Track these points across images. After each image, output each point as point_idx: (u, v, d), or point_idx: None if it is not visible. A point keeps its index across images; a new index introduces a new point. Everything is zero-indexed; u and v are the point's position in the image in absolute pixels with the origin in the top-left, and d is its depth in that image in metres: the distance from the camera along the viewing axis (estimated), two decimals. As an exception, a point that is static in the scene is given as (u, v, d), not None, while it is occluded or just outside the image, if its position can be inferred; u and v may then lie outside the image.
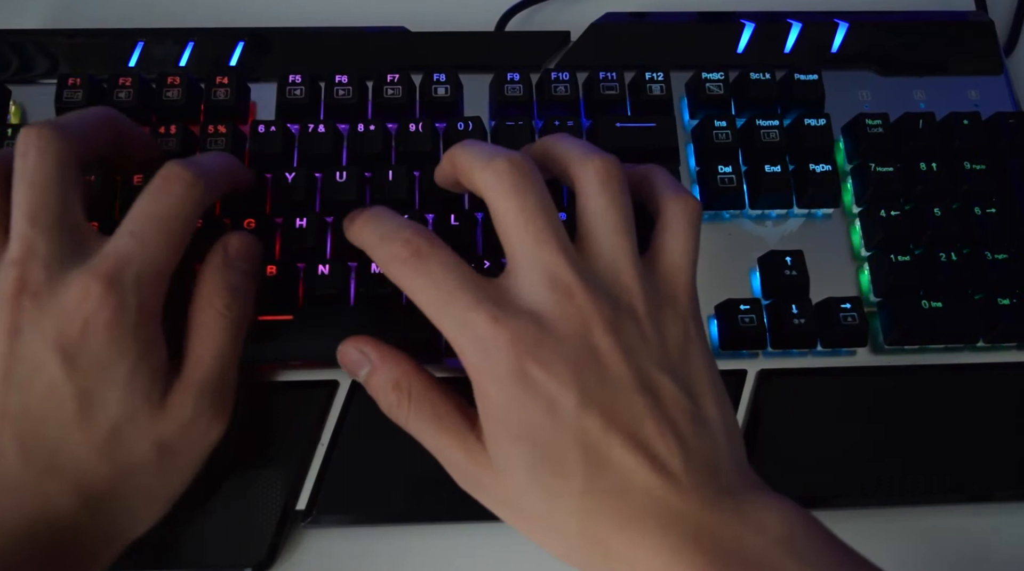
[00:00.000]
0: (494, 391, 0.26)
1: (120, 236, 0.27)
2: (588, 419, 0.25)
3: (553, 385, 0.25)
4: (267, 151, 0.36)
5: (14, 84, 0.39)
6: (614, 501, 0.25)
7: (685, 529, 0.25)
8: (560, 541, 0.27)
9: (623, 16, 0.42)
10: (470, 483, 0.28)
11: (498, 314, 0.26)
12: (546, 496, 0.26)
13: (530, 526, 0.27)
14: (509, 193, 0.27)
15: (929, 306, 0.35)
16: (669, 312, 0.28)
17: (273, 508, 0.32)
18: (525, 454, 0.26)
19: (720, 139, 0.37)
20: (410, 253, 0.27)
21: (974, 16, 0.44)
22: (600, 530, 0.26)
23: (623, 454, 0.25)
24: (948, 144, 0.38)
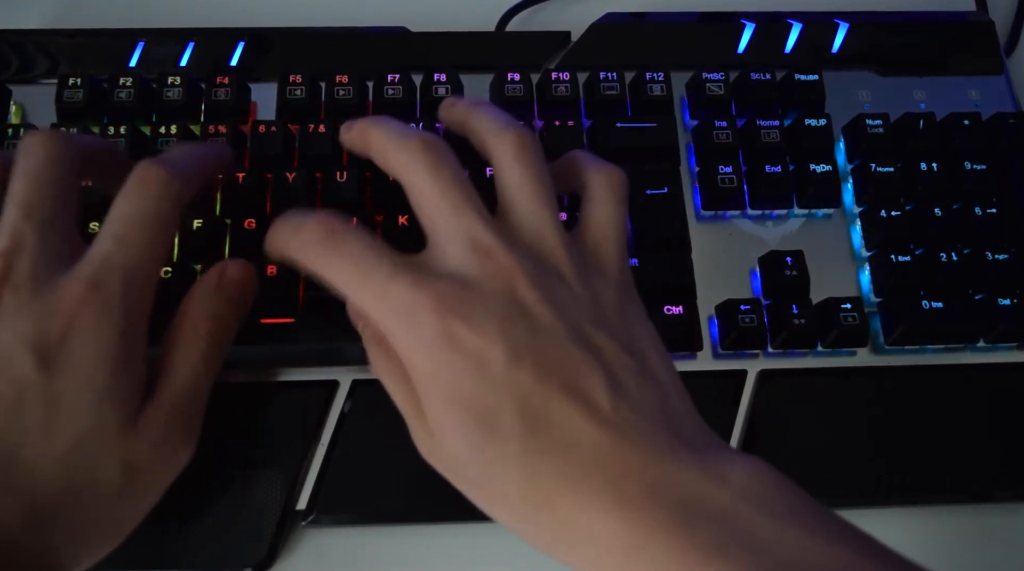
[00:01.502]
0: (422, 359, 0.25)
1: (102, 240, 0.27)
2: (520, 372, 0.24)
3: (480, 341, 0.24)
4: (267, 151, 0.36)
5: (14, 84, 0.39)
6: (556, 459, 0.24)
7: (639, 483, 0.23)
8: (507, 508, 0.25)
9: (623, 16, 0.42)
10: (425, 450, 0.27)
11: (418, 279, 0.25)
12: (485, 461, 0.24)
13: (476, 494, 0.26)
14: (424, 169, 0.27)
15: (929, 306, 0.35)
16: (598, 278, 0.27)
17: (273, 508, 0.32)
18: (459, 419, 0.24)
19: (720, 139, 0.37)
20: (324, 233, 0.26)
21: (974, 16, 0.44)
22: (545, 493, 0.24)
23: (561, 406, 0.24)
24: (948, 144, 0.38)
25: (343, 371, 0.34)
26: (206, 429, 0.31)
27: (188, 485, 0.30)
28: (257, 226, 0.34)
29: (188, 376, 0.28)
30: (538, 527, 0.25)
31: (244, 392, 0.34)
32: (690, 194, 0.38)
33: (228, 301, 0.30)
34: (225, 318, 0.29)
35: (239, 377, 0.34)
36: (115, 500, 0.26)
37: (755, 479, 0.24)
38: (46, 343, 0.25)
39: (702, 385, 0.34)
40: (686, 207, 0.37)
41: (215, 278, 0.30)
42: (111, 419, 0.26)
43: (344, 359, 0.34)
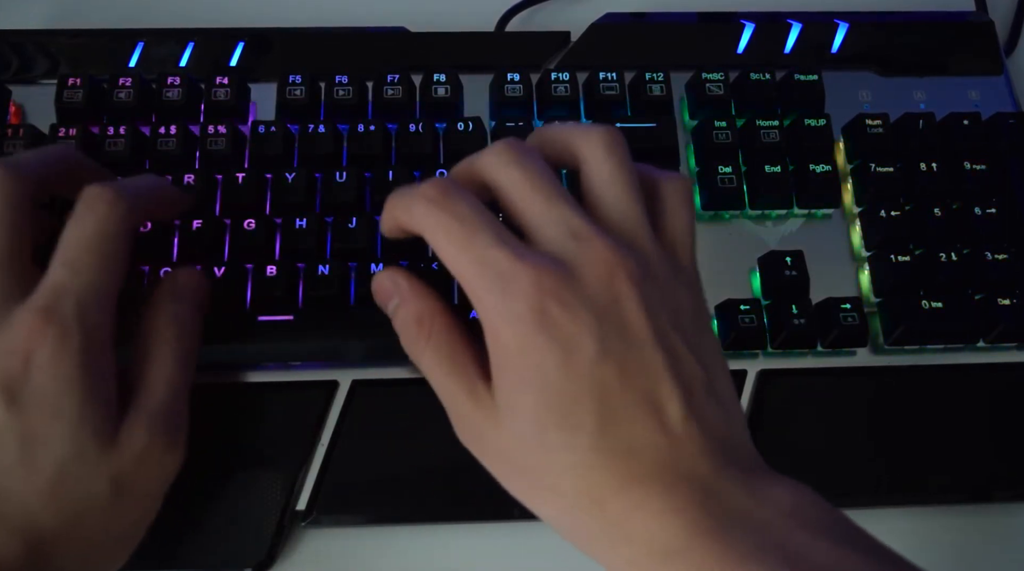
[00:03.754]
0: (509, 333, 0.25)
1: (53, 269, 0.27)
2: (605, 369, 0.24)
3: (573, 328, 0.24)
4: (267, 151, 0.36)
5: (14, 84, 0.39)
6: (619, 460, 0.24)
7: (691, 492, 0.24)
8: (554, 501, 0.25)
9: (623, 16, 0.42)
10: (470, 433, 0.27)
11: (522, 253, 0.25)
12: (548, 448, 0.25)
13: (523, 483, 0.26)
14: (512, 165, 0.27)
15: (929, 306, 0.35)
16: (683, 281, 0.27)
17: (273, 508, 0.32)
18: (533, 401, 0.24)
19: (720, 139, 0.37)
20: (438, 192, 0.26)
21: (974, 16, 0.44)
22: (600, 490, 0.24)
23: (636, 411, 0.24)
24: (948, 144, 0.38)
25: (343, 371, 0.34)
26: (206, 430, 0.32)
27: (188, 486, 0.30)
28: (256, 226, 0.34)
29: (161, 383, 0.28)
30: (584, 523, 0.25)
31: (244, 392, 0.34)
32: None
33: (188, 304, 0.30)
34: (188, 320, 0.30)
35: (239, 378, 0.34)
36: (111, 518, 0.27)
37: (797, 499, 0.24)
38: (10, 380, 0.25)
39: (702, 385, 0.35)
40: (686, 207, 0.37)
41: (169, 285, 0.30)
42: (89, 442, 0.26)
43: (344, 359, 0.34)
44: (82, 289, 0.26)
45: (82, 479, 0.26)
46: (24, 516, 0.25)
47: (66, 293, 0.26)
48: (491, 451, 0.27)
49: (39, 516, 0.25)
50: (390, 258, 0.34)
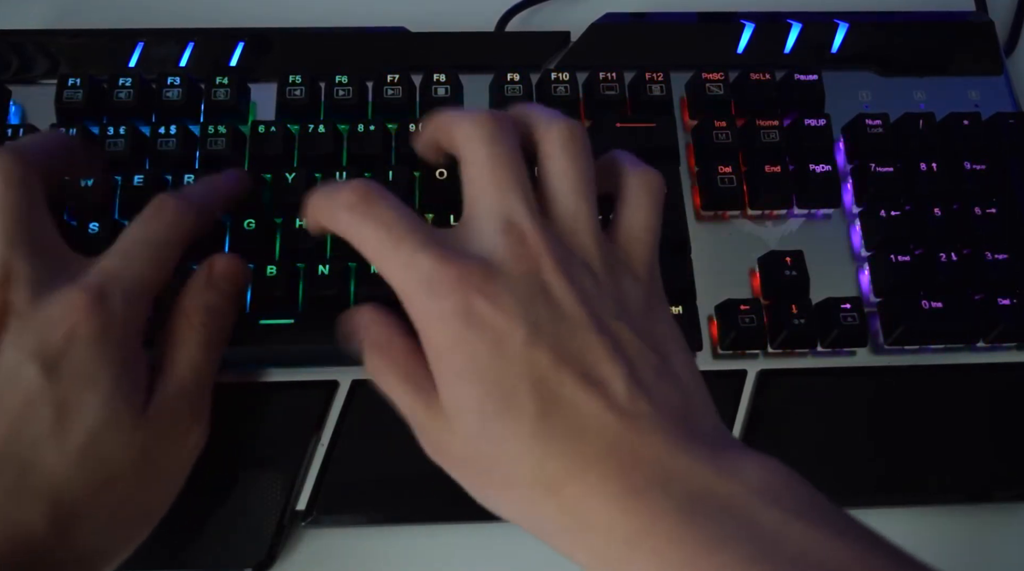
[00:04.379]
0: (438, 330, 0.25)
1: (109, 255, 0.28)
2: (537, 352, 0.24)
3: (500, 319, 0.24)
4: (267, 151, 0.36)
5: (14, 84, 0.39)
6: (568, 443, 0.24)
7: (650, 473, 0.23)
8: (510, 495, 0.25)
9: (623, 16, 0.42)
10: (432, 444, 0.27)
11: (446, 254, 0.25)
12: (494, 440, 0.24)
13: (481, 482, 0.26)
14: (483, 140, 0.27)
15: (929, 306, 0.35)
16: (627, 277, 0.27)
17: (273, 508, 0.32)
18: (472, 394, 0.24)
19: (720, 139, 0.37)
20: (359, 198, 0.26)
21: (974, 16, 0.44)
22: (553, 476, 0.24)
23: (576, 391, 0.24)
24: (948, 144, 0.38)
25: (343, 371, 0.34)
26: (206, 429, 0.32)
27: (189, 485, 0.30)
28: (256, 226, 0.34)
29: (186, 365, 0.29)
30: (543, 513, 0.25)
31: (244, 392, 0.34)
32: (690, 194, 0.38)
33: (219, 293, 0.30)
34: (218, 309, 0.30)
35: (239, 378, 0.34)
36: (134, 492, 0.27)
37: (767, 476, 0.24)
38: (50, 352, 0.26)
39: (702, 385, 0.35)
40: (686, 207, 0.37)
41: (205, 273, 0.30)
42: (121, 412, 0.26)
43: (344, 359, 0.34)
44: (132, 280, 0.28)
45: (110, 448, 0.26)
46: (51, 486, 0.25)
47: (117, 279, 0.27)
48: (450, 457, 0.27)
49: (66, 486, 0.26)
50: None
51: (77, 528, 0.26)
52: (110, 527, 0.27)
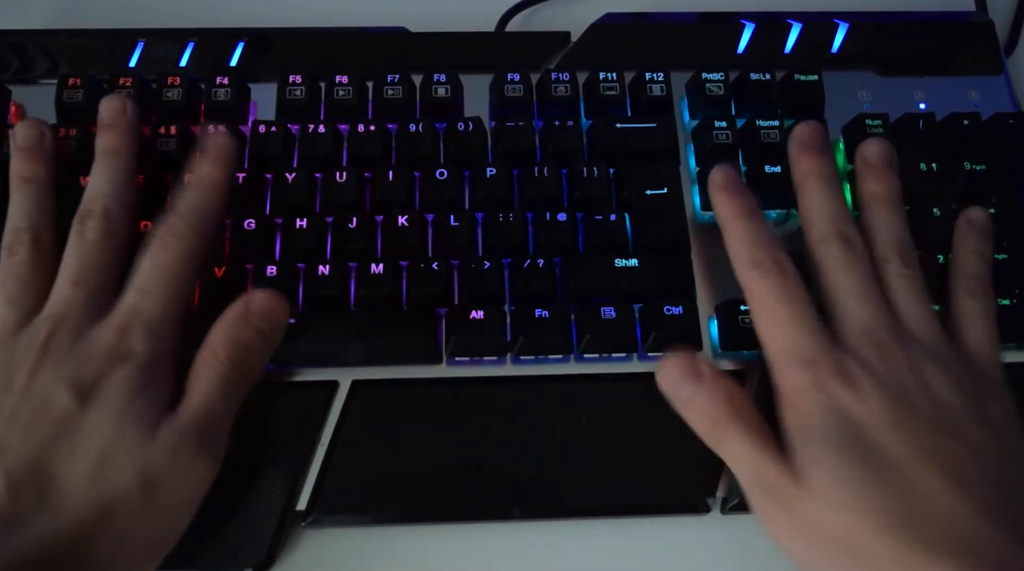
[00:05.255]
0: (809, 402, 0.28)
1: (128, 293, 0.30)
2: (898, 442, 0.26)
3: (865, 407, 0.27)
4: (267, 151, 0.36)
5: (14, 84, 0.39)
6: (929, 531, 0.25)
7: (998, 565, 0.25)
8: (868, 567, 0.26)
9: (623, 16, 0.42)
10: (775, 504, 0.28)
11: (828, 344, 0.29)
12: (857, 510, 0.26)
13: (832, 553, 0.27)
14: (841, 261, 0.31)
15: (929, 306, 0.35)
16: (982, 389, 0.29)
17: (273, 508, 0.32)
18: (838, 464, 0.26)
19: (720, 139, 0.37)
20: (779, 273, 0.30)
21: (974, 16, 0.44)
22: (913, 559, 0.25)
23: (941, 486, 0.26)
24: (948, 144, 0.38)
25: (343, 371, 0.34)
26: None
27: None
28: (256, 226, 0.34)
29: (202, 398, 0.29)
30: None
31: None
32: (690, 194, 0.38)
33: (253, 330, 0.30)
34: (249, 346, 0.30)
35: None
36: (140, 519, 0.27)
37: None
38: (83, 382, 0.28)
39: (702, 385, 0.35)
40: (686, 207, 0.37)
41: (241, 307, 0.31)
42: (129, 431, 0.27)
43: (344, 359, 0.34)
44: (152, 312, 0.29)
45: (118, 468, 0.27)
46: (62, 499, 0.26)
47: (138, 314, 0.29)
48: (794, 518, 0.27)
49: (75, 501, 0.26)
50: (390, 258, 0.34)
51: (81, 548, 0.26)
52: (115, 552, 0.27)
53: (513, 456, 0.33)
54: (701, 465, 0.33)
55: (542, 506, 0.33)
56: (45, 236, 0.31)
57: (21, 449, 0.27)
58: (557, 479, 0.33)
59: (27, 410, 0.27)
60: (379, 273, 0.34)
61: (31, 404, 0.27)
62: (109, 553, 0.27)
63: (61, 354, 0.28)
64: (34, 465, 0.27)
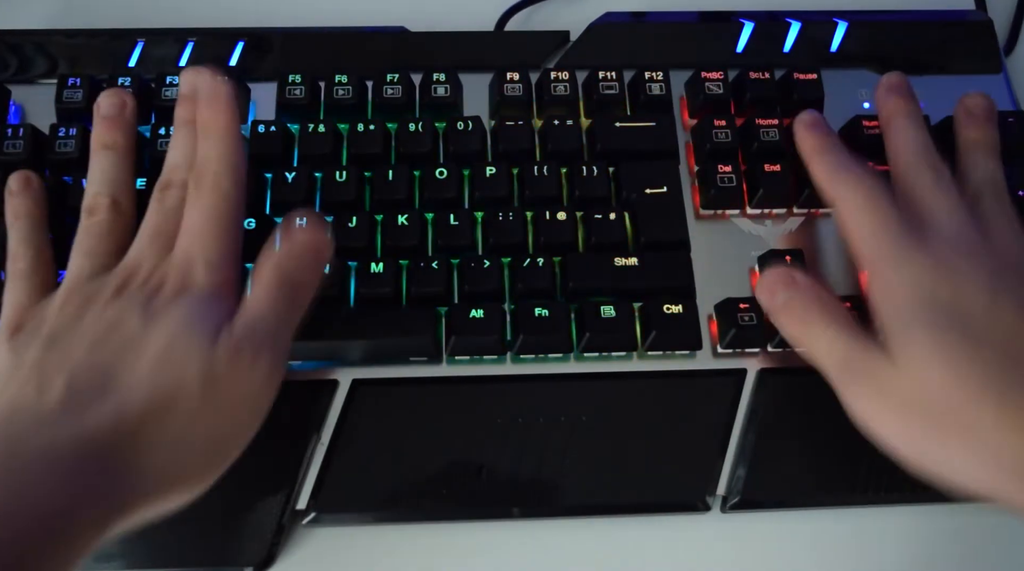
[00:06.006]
0: (907, 281, 0.29)
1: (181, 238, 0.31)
2: (998, 310, 0.27)
3: (971, 276, 0.28)
4: (267, 151, 0.36)
5: (14, 84, 0.39)
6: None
7: None
8: (974, 443, 0.26)
9: (622, 16, 0.42)
10: (869, 385, 0.29)
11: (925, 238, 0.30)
12: (955, 380, 0.26)
13: (931, 427, 0.27)
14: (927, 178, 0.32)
15: (929, 305, 0.35)
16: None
17: (273, 508, 0.32)
18: (932, 338, 0.27)
19: (720, 138, 0.37)
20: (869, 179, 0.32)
21: (973, 15, 0.44)
22: (1017, 420, 0.25)
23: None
24: (947, 143, 0.38)
25: (343, 370, 0.34)
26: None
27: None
28: (257, 226, 0.34)
29: (254, 308, 0.30)
30: (1006, 450, 0.26)
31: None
32: (689, 193, 0.38)
33: (294, 247, 0.31)
34: (289, 263, 0.31)
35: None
36: (201, 413, 0.28)
37: None
38: (150, 309, 0.29)
39: (702, 384, 0.35)
40: (685, 206, 0.37)
41: (283, 233, 0.32)
42: (194, 333, 0.28)
43: (344, 358, 0.34)
44: (207, 247, 0.31)
45: (181, 364, 0.28)
46: (121, 392, 0.27)
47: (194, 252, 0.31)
48: (890, 399, 0.28)
49: (136, 391, 0.27)
50: (390, 257, 0.34)
51: (142, 436, 0.27)
52: (176, 444, 0.27)
53: (513, 455, 0.33)
54: (701, 464, 0.33)
55: (542, 505, 0.33)
56: (123, 200, 0.33)
57: (86, 356, 0.28)
58: (557, 478, 0.33)
59: (97, 332, 0.28)
60: (379, 272, 0.34)
61: (101, 327, 0.29)
62: (170, 446, 0.27)
63: (132, 293, 0.30)
64: (97, 366, 0.27)
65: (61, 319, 0.29)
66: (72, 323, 0.29)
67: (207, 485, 0.28)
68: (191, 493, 0.28)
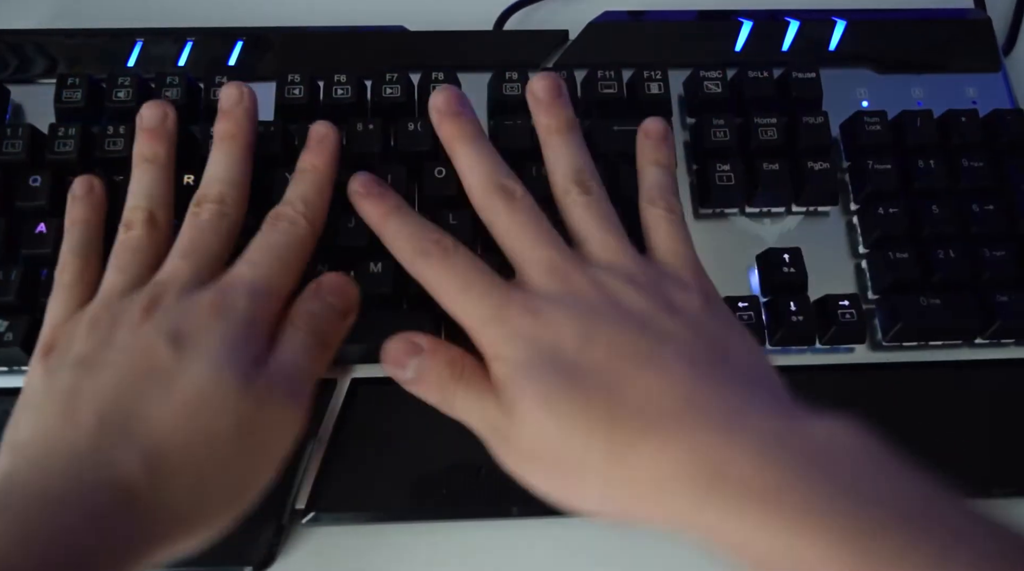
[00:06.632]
0: (508, 350, 0.28)
1: (237, 264, 0.31)
2: (595, 350, 0.27)
3: (559, 329, 0.28)
4: (266, 151, 0.36)
5: (13, 84, 0.39)
6: (629, 413, 0.26)
7: (715, 429, 0.25)
8: (593, 482, 0.26)
9: (621, 15, 0.42)
10: (499, 440, 0.28)
11: (512, 292, 0.29)
12: (563, 423, 0.26)
13: (555, 474, 0.27)
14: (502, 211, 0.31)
15: (927, 303, 0.35)
16: (676, 288, 0.30)
17: (273, 507, 0.33)
18: (535, 386, 0.27)
19: (718, 137, 0.37)
20: (439, 249, 0.30)
21: (972, 14, 0.44)
22: (618, 444, 0.26)
23: (639, 374, 0.26)
24: (946, 141, 0.38)
25: (343, 370, 0.34)
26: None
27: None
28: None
29: (287, 354, 0.30)
30: (622, 485, 0.26)
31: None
32: (688, 192, 0.38)
33: (323, 304, 0.31)
34: (320, 316, 0.31)
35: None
36: (228, 456, 0.28)
37: (838, 433, 0.25)
38: (180, 333, 0.28)
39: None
40: (684, 205, 0.37)
41: (314, 285, 0.32)
42: (226, 379, 0.28)
43: (344, 358, 0.34)
44: (256, 280, 0.30)
45: (212, 409, 0.27)
46: (150, 434, 0.27)
47: (241, 279, 0.30)
48: (517, 451, 0.28)
49: (164, 436, 0.27)
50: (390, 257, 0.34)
51: (169, 480, 0.26)
52: (202, 488, 0.27)
53: (513, 454, 0.33)
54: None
55: (542, 505, 0.33)
56: (160, 214, 0.32)
57: (114, 389, 0.27)
58: (557, 477, 0.33)
59: (126, 361, 0.28)
60: (379, 272, 0.34)
61: (130, 355, 0.28)
62: (195, 486, 0.27)
63: (164, 312, 0.29)
64: (126, 401, 0.27)
65: (91, 341, 0.29)
66: (101, 347, 0.29)
67: (226, 526, 0.28)
68: (210, 534, 0.28)
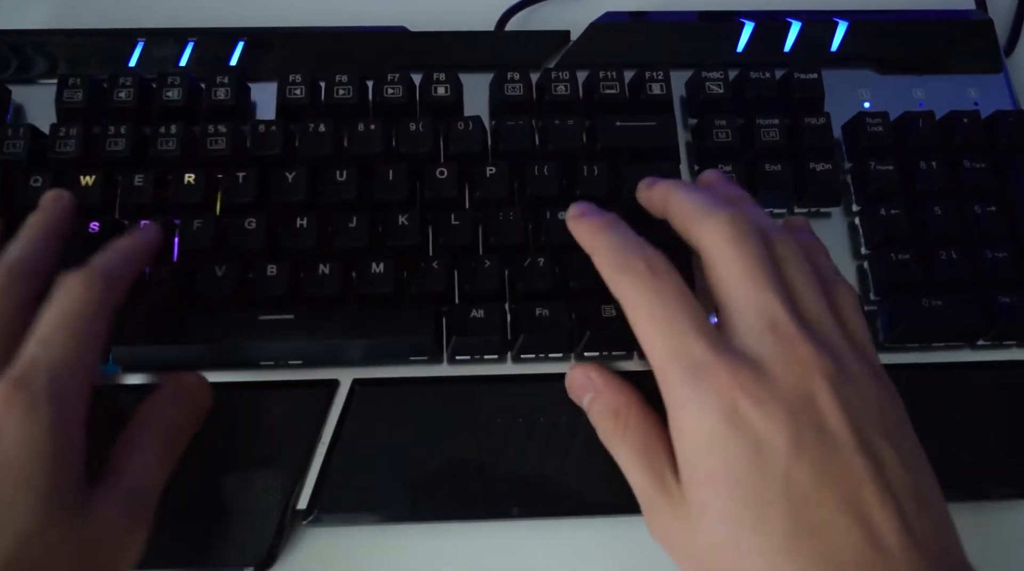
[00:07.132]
0: (696, 424, 0.25)
1: (27, 346, 0.27)
2: (799, 469, 0.24)
3: (764, 425, 0.24)
4: (267, 151, 0.36)
5: (14, 84, 0.39)
6: (819, 567, 0.23)
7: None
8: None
9: (623, 15, 0.42)
10: (661, 528, 0.27)
11: (719, 345, 0.25)
12: (740, 552, 0.24)
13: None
14: (729, 242, 0.27)
15: (929, 304, 0.35)
16: (881, 383, 0.27)
17: (273, 508, 0.32)
18: (723, 499, 0.24)
19: (720, 138, 0.37)
20: (648, 268, 0.27)
21: (974, 15, 0.44)
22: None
23: (835, 517, 0.23)
24: (948, 143, 0.38)
25: (343, 370, 0.34)
26: (207, 429, 0.32)
27: (189, 485, 0.30)
28: (257, 226, 0.34)
29: (139, 473, 0.28)
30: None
31: (244, 392, 0.34)
32: (690, 193, 0.38)
33: (183, 410, 0.30)
34: (176, 424, 0.30)
35: (239, 377, 0.34)
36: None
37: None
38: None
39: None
40: (686, 206, 0.37)
41: (172, 387, 0.31)
42: (56, 512, 0.25)
43: (344, 358, 0.34)
44: (54, 363, 0.26)
45: (47, 549, 0.25)
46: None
47: (37, 366, 0.26)
48: (680, 549, 0.26)
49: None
50: (390, 257, 0.34)
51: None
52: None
53: (513, 454, 0.33)
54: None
55: (542, 505, 0.33)
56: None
57: None
58: (557, 477, 0.33)
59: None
60: (379, 272, 0.34)
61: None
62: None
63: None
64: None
65: None
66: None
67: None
68: None
